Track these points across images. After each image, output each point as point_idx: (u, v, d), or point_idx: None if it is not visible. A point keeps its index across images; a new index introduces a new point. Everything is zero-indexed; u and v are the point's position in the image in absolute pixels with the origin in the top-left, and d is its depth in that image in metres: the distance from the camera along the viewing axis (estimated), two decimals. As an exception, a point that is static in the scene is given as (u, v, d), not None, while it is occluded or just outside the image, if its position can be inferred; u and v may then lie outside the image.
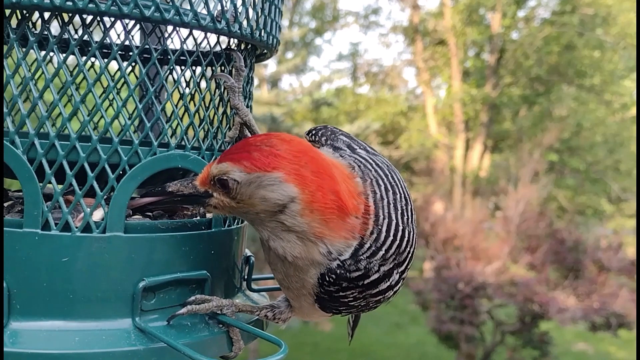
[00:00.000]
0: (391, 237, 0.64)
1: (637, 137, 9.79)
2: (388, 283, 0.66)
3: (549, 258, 7.24)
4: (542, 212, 8.18)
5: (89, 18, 0.67)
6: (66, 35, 0.65)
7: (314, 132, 0.77)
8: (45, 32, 0.65)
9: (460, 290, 6.55)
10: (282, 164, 0.60)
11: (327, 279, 0.63)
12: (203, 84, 0.78)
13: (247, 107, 0.79)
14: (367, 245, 0.63)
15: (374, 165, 0.68)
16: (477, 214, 8.47)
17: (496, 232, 8.27)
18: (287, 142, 0.62)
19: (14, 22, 0.68)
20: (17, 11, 0.69)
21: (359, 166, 0.67)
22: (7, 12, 0.67)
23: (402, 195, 0.68)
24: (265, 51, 0.83)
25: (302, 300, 0.70)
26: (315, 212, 0.60)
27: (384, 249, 0.64)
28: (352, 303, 0.67)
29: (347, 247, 0.63)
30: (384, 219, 0.64)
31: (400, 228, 0.65)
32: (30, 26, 0.67)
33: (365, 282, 0.64)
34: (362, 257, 0.63)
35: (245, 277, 0.82)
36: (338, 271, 0.63)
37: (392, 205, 0.66)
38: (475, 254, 7.20)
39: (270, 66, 9.12)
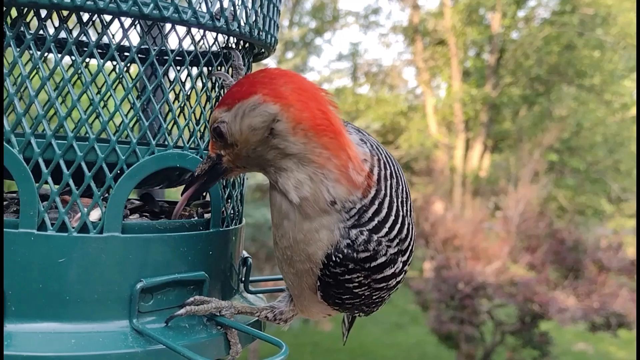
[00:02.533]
0: (393, 217, 0.63)
1: (637, 137, 9.79)
2: (392, 270, 0.65)
3: (549, 258, 7.23)
4: (542, 212, 8.17)
5: (85, 16, 0.66)
6: (63, 34, 0.64)
7: None
8: (41, 31, 0.64)
9: (460, 290, 6.54)
10: (257, 88, 0.59)
11: (334, 258, 0.62)
12: (200, 83, 0.77)
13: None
14: (369, 214, 0.62)
15: (383, 151, 0.68)
16: (477, 214, 8.46)
17: (496, 232, 8.26)
18: (264, 70, 0.62)
19: (9, 20, 0.67)
20: (14, 8, 0.68)
21: (372, 145, 0.67)
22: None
23: (404, 189, 0.68)
24: (263, 50, 0.83)
25: (304, 282, 0.67)
26: (309, 131, 0.59)
27: (386, 226, 0.63)
28: (356, 290, 0.65)
29: (351, 202, 0.61)
30: (385, 195, 0.63)
31: (401, 214, 0.65)
32: (26, 25, 0.66)
33: (372, 264, 0.63)
34: (366, 231, 0.61)
35: (243, 278, 0.81)
36: (345, 251, 0.61)
37: (394, 190, 0.65)
38: (475, 254, 7.19)
39: (270, 66, 9.10)
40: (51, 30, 0.65)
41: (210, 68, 0.78)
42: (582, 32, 12.04)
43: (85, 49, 0.65)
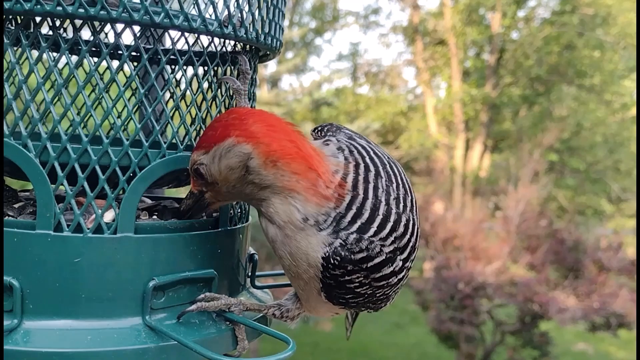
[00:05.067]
0: (380, 216, 0.66)
1: (637, 137, 9.80)
2: (391, 268, 0.67)
3: (549, 258, 7.23)
4: (542, 212, 8.19)
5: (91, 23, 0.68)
6: (78, 40, 0.66)
7: (319, 128, 0.80)
8: (56, 37, 0.66)
9: (460, 290, 6.55)
10: (230, 131, 0.64)
11: (332, 261, 0.65)
12: (206, 84, 0.79)
13: (252, 108, 0.81)
14: (347, 219, 0.65)
15: (371, 153, 0.70)
16: (477, 214, 8.48)
17: (496, 232, 8.27)
18: (234, 112, 0.67)
19: (25, 28, 0.69)
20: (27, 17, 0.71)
21: (351, 151, 0.69)
22: (19, 18, 0.69)
23: (401, 185, 0.69)
24: (269, 52, 0.85)
25: (311, 287, 0.70)
26: (279, 162, 0.63)
27: (374, 226, 0.65)
28: (358, 290, 0.68)
29: (324, 214, 0.65)
30: (365, 198, 0.66)
31: (394, 211, 0.67)
32: (40, 33, 0.68)
33: (369, 264, 0.65)
34: (352, 232, 0.64)
35: (249, 274, 0.84)
36: (343, 253, 0.64)
37: (381, 190, 0.67)
38: (475, 254, 7.20)
39: (270, 66, 9.13)
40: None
41: (216, 69, 0.80)
42: (582, 32, 12.05)
43: (94, 48, 0.67)
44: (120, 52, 0.67)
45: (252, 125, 0.64)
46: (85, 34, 0.71)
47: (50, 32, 0.68)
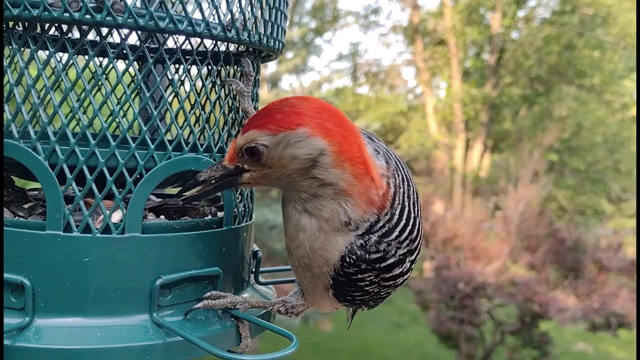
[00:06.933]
0: (404, 221, 0.67)
1: (637, 137, 9.82)
2: (400, 269, 0.69)
3: (549, 258, 7.26)
4: (542, 212, 8.20)
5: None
6: (85, 43, 0.68)
7: None
8: (64, 41, 0.68)
9: (460, 290, 6.57)
10: (305, 120, 0.62)
11: (348, 259, 0.66)
12: (210, 87, 0.80)
13: (255, 109, 0.82)
14: (380, 224, 0.66)
15: (394, 155, 0.72)
16: (477, 214, 8.51)
17: (496, 232, 8.29)
18: (305, 100, 0.65)
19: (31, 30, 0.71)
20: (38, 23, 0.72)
21: (384, 154, 0.70)
22: (26, 23, 0.70)
23: (414, 189, 0.72)
24: (271, 54, 0.86)
25: (319, 282, 0.71)
26: (346, 163, 0.63)
27: (397, 230, 0.67)
28: (367, 288, 0.69)
29: (364, 221, 0.65)
30: (398, 204, 0.67)
31: (412, 215, 0.69)
32: (48, 38, 0.69)
33: (382, 265, 0.67)
34: (376, 235, 0.66)
35: (253, 271, 0.86)
36: (359, 252, 0.66)
37: (405, 194, 0.69)
38: (475, 254, 7.22)
39: (270, 66, 9.13)
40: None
41: (219, 69, 0.81)
42: (582, 32, 12.07)
43: (97, 48, 0.68)
44: (124, 51, 0.68)
45: (327, 121, 0.62)
46: (90, 33, 0.73)
47: (55, 33, 0.69)
